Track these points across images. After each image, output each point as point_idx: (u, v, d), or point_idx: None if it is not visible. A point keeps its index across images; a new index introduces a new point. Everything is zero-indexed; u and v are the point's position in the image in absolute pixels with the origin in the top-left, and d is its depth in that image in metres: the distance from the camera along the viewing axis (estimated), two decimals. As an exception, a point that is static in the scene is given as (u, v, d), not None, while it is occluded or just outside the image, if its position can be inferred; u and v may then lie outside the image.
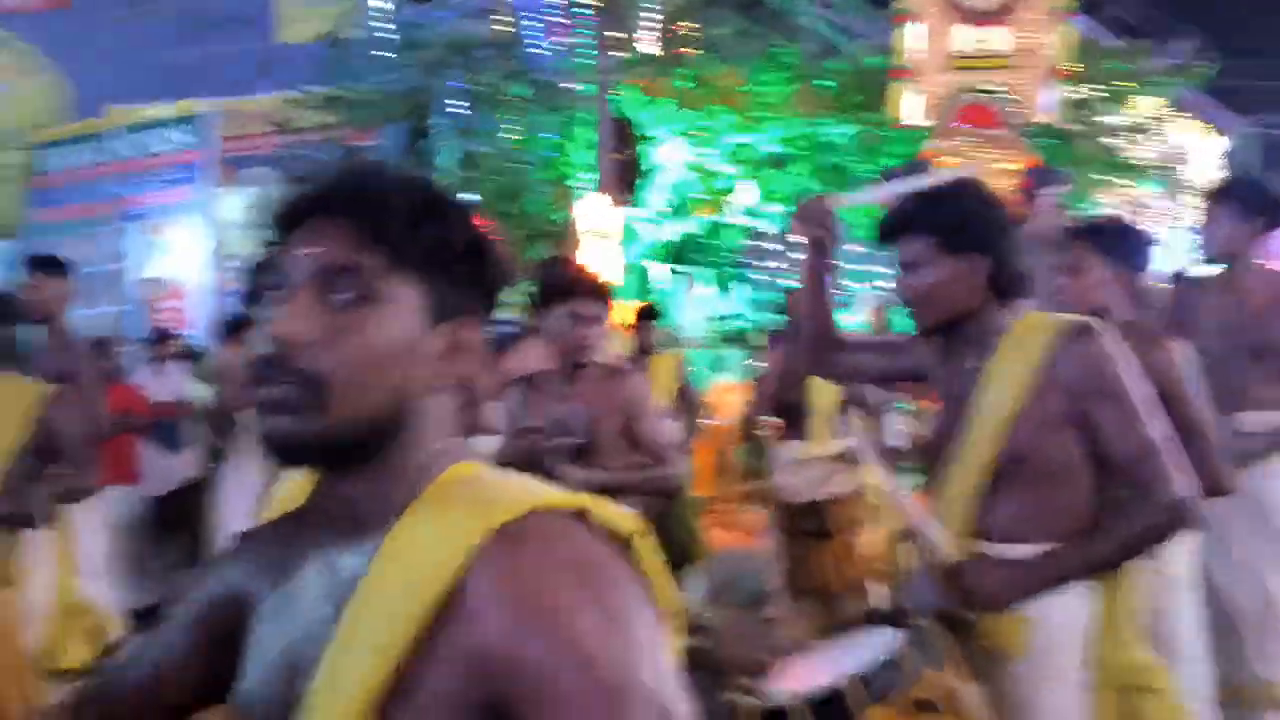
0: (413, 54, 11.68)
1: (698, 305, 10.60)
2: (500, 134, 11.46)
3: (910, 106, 8.64)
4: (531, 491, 0.95)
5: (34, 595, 3.37)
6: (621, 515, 0.95)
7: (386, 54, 11.89)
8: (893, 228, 2.09)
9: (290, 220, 0.98)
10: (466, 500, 0.94)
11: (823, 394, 4.36)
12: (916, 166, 8.07)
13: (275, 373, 0.92)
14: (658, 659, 0.88)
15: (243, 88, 12.87)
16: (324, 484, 1.00)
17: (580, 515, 0.94)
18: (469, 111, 11.57)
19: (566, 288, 3.11)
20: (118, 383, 6.84)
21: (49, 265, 4.62)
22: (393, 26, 12.16)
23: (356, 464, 0.96)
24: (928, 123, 8.57)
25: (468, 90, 11.50)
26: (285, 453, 0.94)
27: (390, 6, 12.25)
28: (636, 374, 3.37)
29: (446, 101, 11.63)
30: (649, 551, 0.96)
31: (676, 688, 0.88)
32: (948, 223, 2.00)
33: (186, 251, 11.29)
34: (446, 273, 0.99)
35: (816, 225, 2.29)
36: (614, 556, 0.92)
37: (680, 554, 4.44)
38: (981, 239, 1.99)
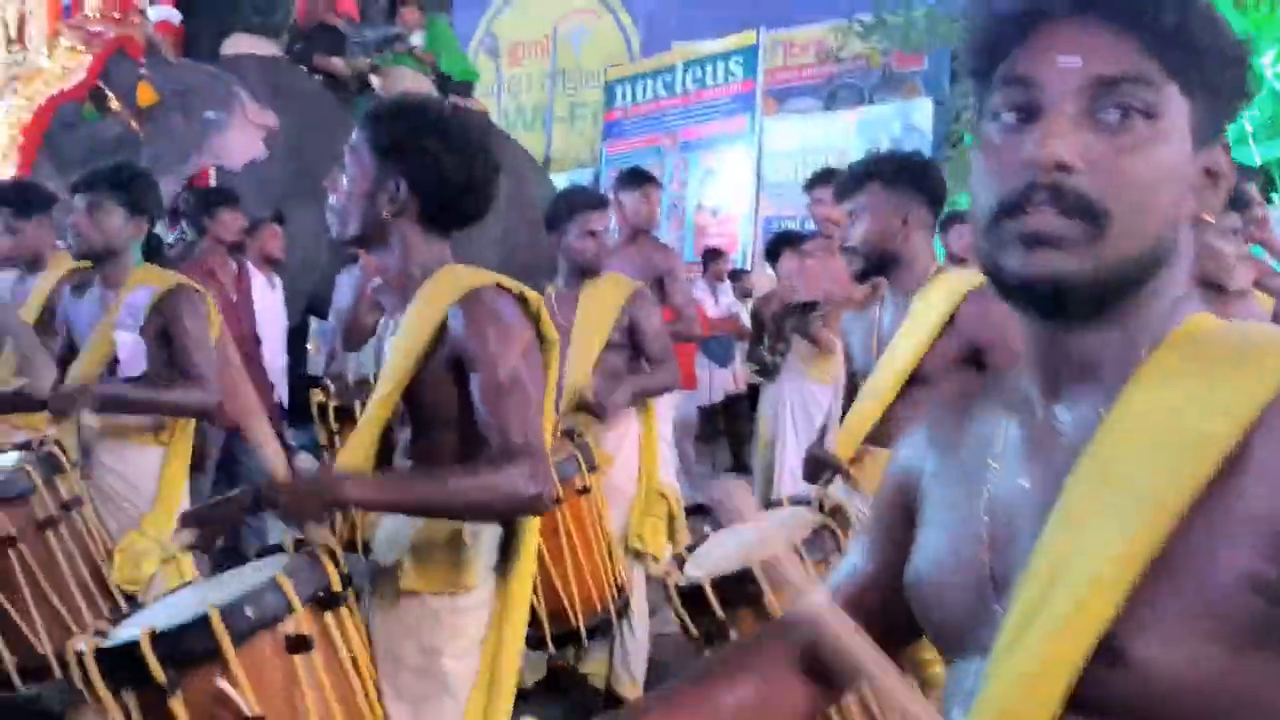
0: (967, -29, 11.18)
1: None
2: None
3: None
4: None
5: (619, 479, 3.67)
6: None
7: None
8: None
9: (1026, 24, 0.84)
10: (1238, 351, 0.80)
11: None
12: None
13: (1046, 200, 0.80)
14: None
15: (800, 18, 13.18)
16: (1045, 336, 0.87)
17: None
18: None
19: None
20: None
21: (648, 180, 4.94)
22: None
23: (1108, 308, 0.83)
24: None
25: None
26: (1050, 295, 0.82)
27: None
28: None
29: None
30: None
31: None
32: None
33: (735, 180, 11.83)
34: (1213, 86, 0.83)
35: None
36: None
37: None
38: None
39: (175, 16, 7.51)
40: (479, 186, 1.96)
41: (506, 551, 1.97)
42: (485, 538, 1.93)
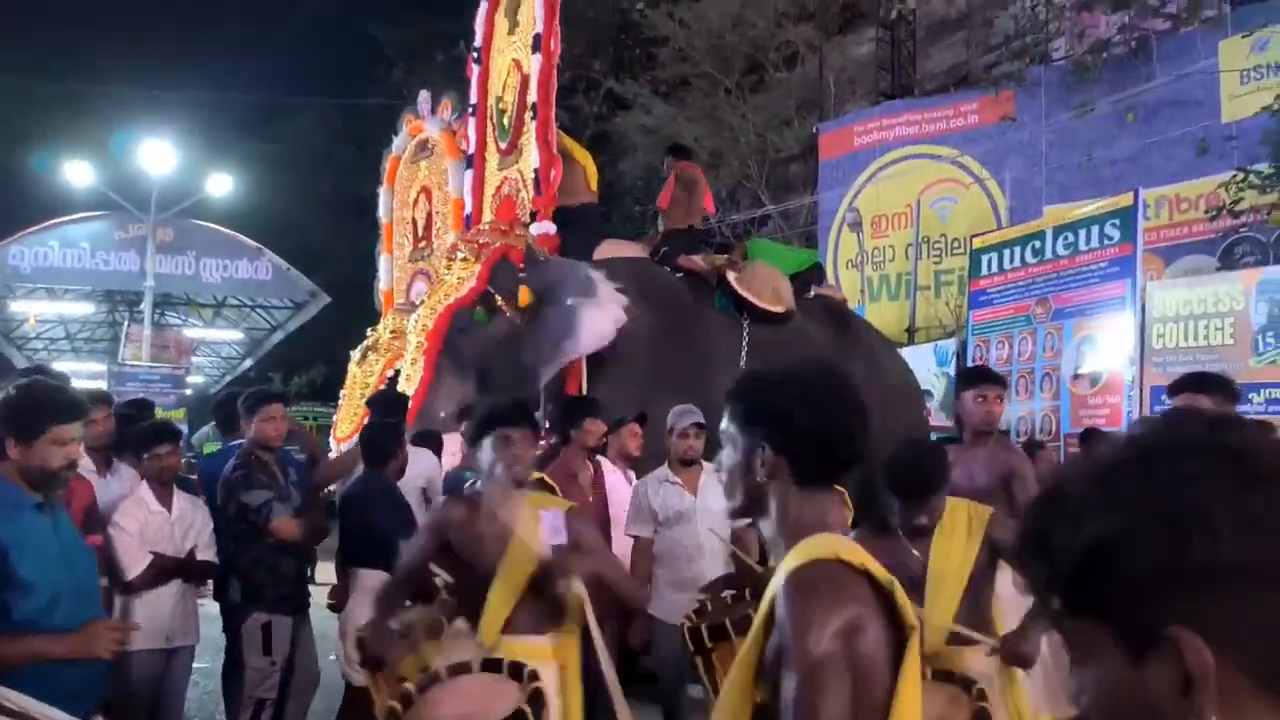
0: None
1: None
2: None
3: None
4: None
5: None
6: None
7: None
8: None
9: None
10: None
11: None
12: None
13: None
14: None
15: (1183, 174, 12.37)
16: None
17: None
18: None
19: None
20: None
21: (990, 379, 4.71)
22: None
23: None
24: None
25: None
26: None
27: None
28: None
29: None
30: None
31: None
32: None
33: (1116, 348, 11.06)
34: (1106, 595, 0.79)
35: None
36: None
37: None
38: None
39: (552, 228, 8.25)
40: (842, 433, 1.94)
41: None
42: None
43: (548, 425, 6.08)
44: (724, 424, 2.03)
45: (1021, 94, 14.76)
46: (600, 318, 7.22)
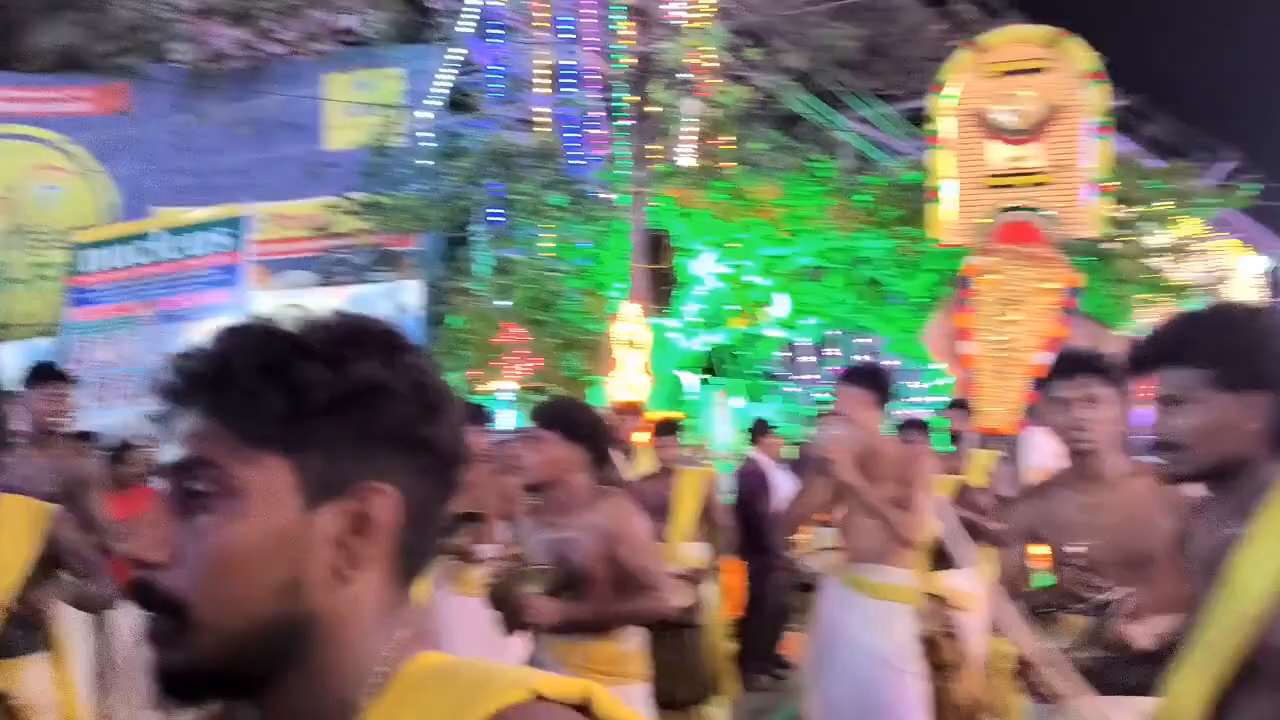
0: (454, 162, 11.85)
1: (729, 417, 10.44)
2: (537, 242, 11.57)
3: (947, 223, 8.45)
4: (528, 677, 0.80)
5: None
6: (629, 713, 0.82)
7: (427, 162, 12.11)
8: (1153, 355, 1.79)
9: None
10: (450, 687, 0.80)
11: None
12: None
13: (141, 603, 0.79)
14: None
15: (290, 192, 13.12)
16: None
17: (583, 708, 0.79)
18: (506, 219, 11.69)
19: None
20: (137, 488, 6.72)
21: (58, 376, 4.53)
22: (433, 135, 12.43)
23: (259, 689, 0.80)
24: (966, 240, 8.35)
25: (506, 198, 11.64)
26: (166, 691, 0.80)
27: (432, 116, 12.53)
28: (615, 501, 3.11)
29: (486, 210, 11.79)
30: None
31: None
32: (1226, 352, 1.69)
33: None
34: (318, 437, 0.80)
35: None
36: None
37: (704, 686, 4.20)
38: (1265, 375, 1.67)
39: None
40: None
41: None
42: None
43: None
44: None
45: (139, 89, 14.40)
46: None
